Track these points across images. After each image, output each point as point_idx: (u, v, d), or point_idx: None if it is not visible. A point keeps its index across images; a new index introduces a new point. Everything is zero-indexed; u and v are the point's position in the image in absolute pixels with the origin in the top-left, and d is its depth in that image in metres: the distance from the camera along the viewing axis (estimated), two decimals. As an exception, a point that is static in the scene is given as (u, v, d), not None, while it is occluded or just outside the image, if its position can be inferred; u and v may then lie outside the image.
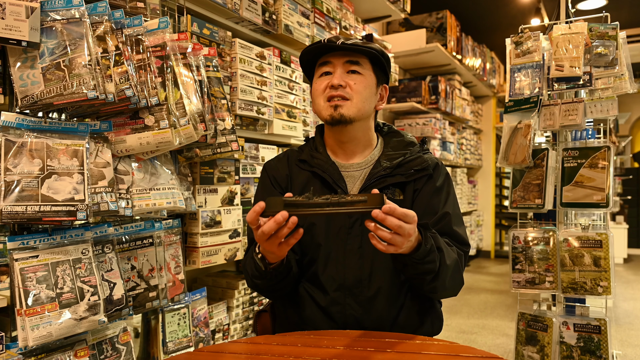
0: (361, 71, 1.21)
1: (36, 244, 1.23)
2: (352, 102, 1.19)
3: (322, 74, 1.23)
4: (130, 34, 1.38)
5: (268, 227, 0.92)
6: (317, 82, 1.24)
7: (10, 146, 1.17)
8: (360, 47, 1.19)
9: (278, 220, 0.91)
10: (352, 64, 1.20)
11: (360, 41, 1.22)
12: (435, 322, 1.27)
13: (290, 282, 1.21)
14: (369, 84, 1.22)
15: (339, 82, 1.18)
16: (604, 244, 1.96)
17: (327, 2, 2.52)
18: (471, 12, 5.47)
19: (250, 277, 1.19)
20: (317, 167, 1.25)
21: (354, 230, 1.20)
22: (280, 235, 0.95)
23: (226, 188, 1.85)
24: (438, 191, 1.24)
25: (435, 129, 4.46)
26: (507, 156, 2.16)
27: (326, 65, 1.22)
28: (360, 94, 1.20)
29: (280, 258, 1.09)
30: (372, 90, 1.23)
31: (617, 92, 1.99)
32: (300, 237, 0.98)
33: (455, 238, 1.21)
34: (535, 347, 2.07)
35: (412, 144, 1.29)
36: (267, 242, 0.97)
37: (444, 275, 1.09)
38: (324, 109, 1.21)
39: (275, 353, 0.99)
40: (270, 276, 1.13)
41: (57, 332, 1.18)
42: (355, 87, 1.19)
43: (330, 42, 1.19)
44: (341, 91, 1.18)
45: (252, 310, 2.03)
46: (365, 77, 1.22)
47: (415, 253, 1.02)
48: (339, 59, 1.20)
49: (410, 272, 1.08)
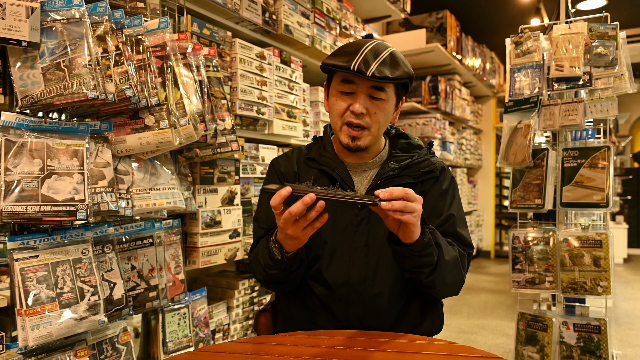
0: (385, 97, 1.17)
1: (36, 244, 1.23)
2: (370, 131, 1.18)
3: (343, 92, 1.18)
4: (130, 34, 1.38)
5: (296, 208, 0.93)
6: (336, 99, 1.19)
7: (10, 146, 1.17)
8: (389, 79, 1.13)
9: (306, 202, 0.92)
10: (377, 90, 1.15)
11: (389, 64, 1.14)
12: (436, 321, 1.28)
13: (300, 274, 1.21)
14: (390, 109, 1.20)
15: (361, 110, 1.15)
16: (604, 244, 1.96)
17: (327, 2, 2.52)
18: (471, 12, 5.47)
19: (262, 267, 1.18)
20: (325, 165, 1.25)
21: (361, 228, 1.21)
22: (309, 218, 0.96)
23: (226, 188, 1.85)
24: (444, 194, 1.25)
25: (435, 129, 4.46)
26: (507, 156, 2.16)
27: (349, 84, 1.16)
28: (378, 123, 1.18)
29: (300, 245, 1.08)
30: (390, 113, 1.21)
31: (617, 92, 1.99)
32: (326, 220, 0.98)
33: (458, 239, 1.22)
34: (535, 347, 2.07)
35: (420, 146, 1.31)
36: (294, 226, 0.97)
37: (442, 270, 1.10)
38: (342, 134, 1.19)
39: (275, 353, 0.99)
40: (285, 266, 1.13)
41: (57, 332, 1.18)
42: (376, 116, 1.17)
43: (360, 72, 1.11)
44: (361, 120, 1.16)
45: (252, 310, 2.03)
46: (387, 102, 1.18)
47: (413, 245, 1.04)
48: (365, 83, 1.15)
49: (408, 264, 1.09)
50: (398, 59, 1.16)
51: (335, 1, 2.62)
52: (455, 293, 1.21)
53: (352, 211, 1.21)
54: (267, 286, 1.28)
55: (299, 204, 0.92)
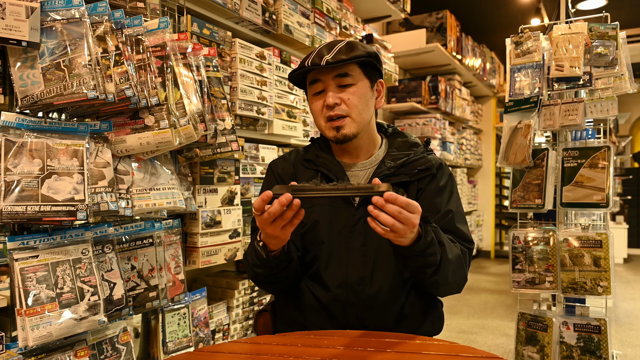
0: (352, 81, 1.19)
1: (36, 244, 1.23)
2: (351, 117, 1.19)
3: (315, 93, 1.23)
4: (130, 34, 1.38)
5: (273, 209, 0.95)
6: (313, 101, 1.24)
7: (10, 146, 1.17)
8: (345, 60, 1.16)
9: (282, 202, 0.94)
10: (342, 77, 1.18)
11: (344, 50, 1.18)
12: (436, 321, 1.27)
13: (290, 274, 1.21)
14: (364, 92, 1.21)
15: (333, 101, 1.18)
16: (604, 244, 1.96)
17: (327, 2, 2.52)
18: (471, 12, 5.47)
19: (250, 266, 1.19)
20: (322, 166, 1.26)
21: (358, 229, 1.21)
22: (285, 217, 0.97)
23: (226, 188, 1.85)
24: (441, 190, 1.25)
25: (435, 129, 4.46)
26: (507, 156, 2.16)
27: (316, 83, 1.21)
28: (356, 107, 1.19)
29: (282, 243, 1.09)
30: (367, 96, 1.22)
31: (617, 92, 1.99)
32: (303, 217, 1.00)
33: (458, 235, 1.22)
34: (535, 347, 2.07)
35: (416, 144, 1.31)
36: (272, 226, 0.98)
37: (445, 269, 1.09)
38: (327, 130, 1.22)
39: (275, 353, 0.99)
40: (270, 265, 1.13)
41: (57, 332, 1.18)
42: (350, 101, 1.19)
43: (314, 64, 1.16)
44: (337, 110, 1.19)
45: (252, 310, 2.03)
46: (358, 86, 1.20)
47: (415, 245, 1.03)
48: (328, 75, 1.19)
49: (411, 265, 1.08)
50: (355, 44, 1.20)
51: (335, 1, 2.62)
52: (458, 291, 1.21)
53: (349, 212, 1.22)
54: (258, 285, 1.28)
55: (276, 205, 0.95)
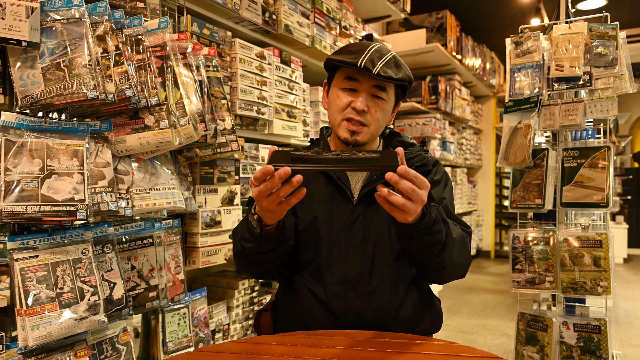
0: (385, 97, 1.21)
1: (36, 244, 1.23)
2: (369, 128, 1.21)
3: (345, 88, 1.21)
4: (130, 34, 1.38)
5: (270, 182, 0.89)
6: (338, 94, 1.22)
7: (10, 146, 1.17)
8: (393, 79, 1.17)
9: (280, 175, 0.87)
10: (379, 90, 1.20)
11: (393, 66, 1.19)
12: (435, 319, 1.29)
13: (275, 259, 1.16)
14: (388, 109, 1.24)
15: (363, 107, 1.18)
16: (604, 244, 1.96)
17: (327, 2, 2.52)
18: (471, 12, 5.47)
19: (239, 239, 1.14)
20: None
21: (357, 225, 1.22)
22: (282, 194, 0.92)
23: (226, 188, 1.85)
24: (436, 183, 1.28)
25: (435, 129, 4.46)
26: (507, 156, 2.16)
27: (353, 81, 1.20)
28: (378, 122, 1.21)
29: (278, 218, 1.03)
30: (388, 114, 1.25)
31: (617, 92, 1.99)
32: (303, 197, 0.94)
33: (455, 220, 1.22)
34: (535, 347, 2.07)
35: (413, 144, 1.34)
36: (267, 200, 0.93)
37: (451, 248, 1.08)
38: (341, 128, 1.21)
39: (275, 353, 0.99)
40: (261, 240, 1.07)
41: (57, 332, 1.18)
42: (376, 115, 1.20)
43: (366, 69, 1.14)
44: (362, 117, 1.19)
45: (252, 310, 2.03)
46: (387, 102, 1.23)
47: (421, 222, 0.99)
48: (368, 82, 1.19)
49: (416, 245, 1.04)
50: (400, 62, 1.22)
51: (335, 1, 2.62)
52: (462, 275, 1.20)
53: (348, 209, 1.23)
54: (239, 263, 1.22)
55: (274, 178, 0.88)
